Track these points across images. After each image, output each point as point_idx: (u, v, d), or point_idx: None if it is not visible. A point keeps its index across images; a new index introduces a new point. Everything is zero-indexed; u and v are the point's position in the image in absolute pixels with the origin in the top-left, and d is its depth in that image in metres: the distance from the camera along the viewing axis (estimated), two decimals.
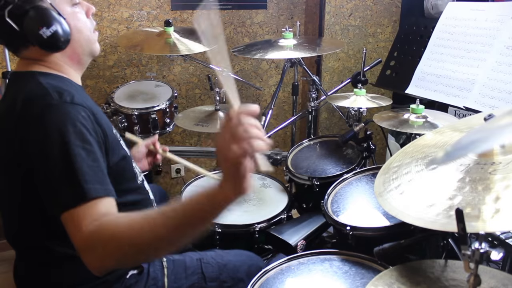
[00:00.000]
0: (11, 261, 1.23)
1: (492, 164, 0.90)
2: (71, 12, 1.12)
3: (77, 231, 0.90)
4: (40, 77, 1.08)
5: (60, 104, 1.00)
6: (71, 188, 0.93)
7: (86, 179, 0.94)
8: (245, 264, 1.38)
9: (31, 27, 1.04)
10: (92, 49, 1.19)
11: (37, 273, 1.15)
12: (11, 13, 1.03)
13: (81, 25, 1.14)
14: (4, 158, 1.08)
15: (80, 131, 0.98)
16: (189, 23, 2.66)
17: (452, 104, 1.87)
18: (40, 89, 1.04)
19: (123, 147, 1.19)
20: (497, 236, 1.18)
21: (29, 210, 1.08)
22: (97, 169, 0.98)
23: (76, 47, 1.14)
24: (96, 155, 0.99)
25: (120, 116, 2.20)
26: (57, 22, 1.06)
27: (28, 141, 0.98)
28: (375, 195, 1.06)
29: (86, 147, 0.97)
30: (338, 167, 1.84)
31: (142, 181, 1.28)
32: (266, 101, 2.98)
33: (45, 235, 1.09)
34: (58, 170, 0.94)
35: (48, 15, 1.05)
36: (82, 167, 0.94)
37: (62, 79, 1.12)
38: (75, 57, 1.16)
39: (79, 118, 1.00)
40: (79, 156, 0.95)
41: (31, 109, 1.00)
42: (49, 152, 0.95)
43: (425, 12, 2.72)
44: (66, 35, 1.08)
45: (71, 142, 0.95)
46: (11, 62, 2.13)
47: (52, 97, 1.01)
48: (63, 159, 0.94)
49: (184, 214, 0.86)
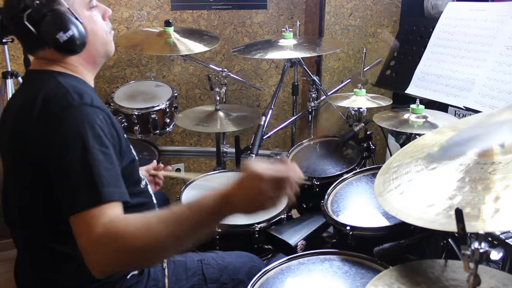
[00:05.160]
0: (12, 261, 1.23)
1: (492, 164, 0.90)
2: (88, 16, 1.13)
3: (87, 232, 0.90)
4: (58, 77, 1.09)
5: (80, 106, 1.01)
6: (87, 190, 0.93)
7: (103, 182, 0.94)
8: (245, 265, 1.38)
9: (49, 31, 1.05)
10: (107, 50, 1.20)
11: (40, 274, 1.15)
12: (29, 16, 1.05)
13: (97, 28, 1.15)
14: (17, 155, 1.08)
15: (98, 134, 0.99)
16: (189, 23, 2.66)
17: (452, 104, 1.87)
18: (60, 88, 1.04)
19: (132, 151, 1.20)
20: (497, 236, 1.18)
21: (34, 210, 1.08)
22: (114, 172, 0.99)
23: (92, 49, 1.15)
24: (113, 158, 1.00)
25: (120, 116, 2.20)
26: (74, 26, 1.07)
27: (46, 140, 0.99)
28: (375, 195, 1.06)
29: (104, 150, 0.98)
30: (338, 167, 1.84)
31: (146, 185, 1.29)
32: (266, 101, 2.98)
33: (49, 235, 1.09)
34: (75, 171, 0.95)
35: (66, 19, 1.06)
36: (100, 170, 0.95)
37: (78, 80, 1.13)
38: (91, 59, 1.17)
39: (97, 121, 1.01)
40: (96, 159, 0.96)
41: (51, 108, 1.01)
42: (67, 153, 0.96)
43: (425, 12, 2.72)
44: (82, 38, 1.09)
45: (90, 145, 0.96)
46: (11, 62, 2.13)
47: (73, 98, 1.01)
48: (81, 161, 0.95)
49: (200, 213, 0.90)
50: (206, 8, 2.67)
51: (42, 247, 1.12)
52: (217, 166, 2.37)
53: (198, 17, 2.67)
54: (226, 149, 2.41)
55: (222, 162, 2.40)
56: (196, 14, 2.66)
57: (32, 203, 1.08)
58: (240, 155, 2.30)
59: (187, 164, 2.95)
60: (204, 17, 2.68)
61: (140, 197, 1.23)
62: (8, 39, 1.94)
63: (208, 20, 2.70)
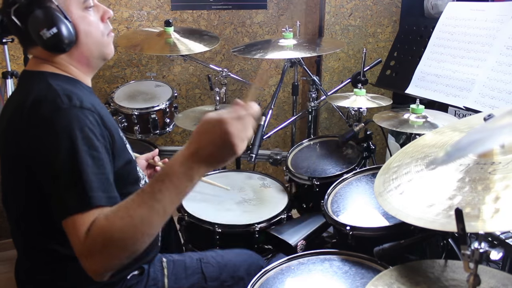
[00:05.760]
0: (12, 261, 1.23)
1: (492, 164, 0.90)
2: (81, 16, 1.10)
3: (76, 238, 0.90)
4: (49, 78, 1.08)
5: (69, 108, 1.00)
6: (75, 195, 0.93)
7: (91, 187, 0.94)
8: (245, 262, 1.38)
9: (33, 27, 1.05)
10: (103, 52, 1.17)
11: (40, 274, 1.15)
12: (16, 11, 1.04)
13: (91, 29, 1.12)
14: (11, 157, 1.08)
15: (87, 137, 0.98)
16: (189, 23, 2.66)
17: (452, 104, 1.87)
18: (50, 91, 1.03)
19: (129, 151, 1.19)
20: (497, 236, 1.18)
21: (32, 211, 1.08)
22: (103, 176, 0.98)
23: (84, 50, 1.13)
24: (103, 162, 0.99)
25: (120, 116, 2.20)
26: (60, 24, 1.05)
27: (36, 142, 0.99)
28: (375, 195, 1.06)
29: (93, 153, 0.97)
30: (338, 167, 1.84)
31: (146, 183, 1.28)
32: (266, 101, 2.98)
33: (48, 236, 1.09)
34: (64, 176, 0.95)
35: (51, 17, 1.04)
36: (88, 174, 0.95)
37: (71, 81, 1.12)
38: (83, 60, 1.15)
39: (87, 123, 1.00)
40: (85, 163, 0.95)
41: (40, 111, 1.00)
42: (56, 157, 0.95)
43: (425, 12, 2.72)
44: (69, 37, 1.07)
45: (79, 148, 0.96)
46: (11, 62, 2.13)
47: (61, 101, 1.00)
48: (70, 165, 0.95)
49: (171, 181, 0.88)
50: (206, 8, 2.67)
51: (41, 248, 1.11)
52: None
53: (198, 17, 2.67)
54: None
55: None
56: (196, 14, 2.66)
57: (29, 204, 1.08)
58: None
59: None
60: (204, 17, 2.68)
61: None
62: (8, 39, 1.94)
63: (208, 20, 2.70)
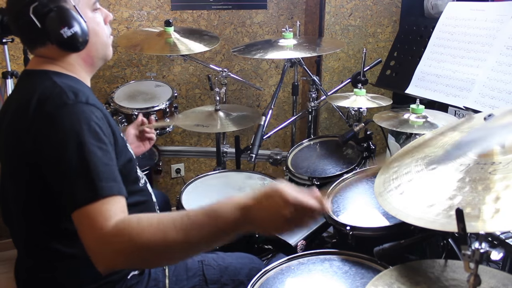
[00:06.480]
0: (12, 261, 1.23)
1: (492, 164, 0.90)
2: (91, 17, 1.14)
3: (91, 228, 0.90)
4: (54, 77, 1.09)
5: (75, 104, 1.01)
6: (87, 186, 0.93)
7: (102, 177, 0.94)
8: (246, 267, 1.38)
9: (53, 25, 1.06)
10: (106, 53, 1.22)
11: (40, 273, 1.15)
12: (35, 9, 1.05)
13: (100, 30, 1.17)
14: (13, 156, 1.08)
15: (95, 130, 0.99)
16: (189, 23, 2.66)
17: (452, 104, 1.87)
18: (55, 87, 1.05)
19: (129, 150, 1.20)
20: (497, 236, 1.18)
21: (33, 210, 1.08)
22: (113, 168, 0.99)
23: (92, 50, 1.16)
24: (111, 155, 1.01)
25: (120, 116, 2.20)
26: (78, 24, 1.08)
27: (42, 139, 0.99)
28: (375, 195, 1.06)
29: (102, 146, 0.99)
30: (338, 167, 1.84)
31: (145, 184, 1.29)
32: (266, 101, 2.98)
33: (49, 235, 1.09)
34: (74, 168, 0.95)
35: (71, 16, 1.07)
36: (98, 165, 0.95)
37: (74, 80, 1.13)
38: (89, 59, 1.18)
39: (93, 118, 1.01)
40: (94, 154, 0.96)
41: (46, 107, 1.01)
42: (64, 150, 0.96)
43: (425, 12, 2.72)
44: (84, 37, 1.10)
45: (86, 141, 0.96)
46: (11, 62, 2.13)
47: (68, 97, 1.02)
48: (79, 157, 0.95)
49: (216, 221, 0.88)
50: (206, 8, 2.67)
51: (41, 247, 1.11)
52: (217, 166, 2.37)
53: (198, 17, 2.67)
54: (226, 149, 2.41)
55: (222, 162, 2.40)
56: (196, 14, 2.66)
57: (30, 203, 1.08)
58: (240, 155, 2.31)
59: (187, 164, 2.95)
60: (204, 17, 2.68)
61: (138, 196, 1.22)
62: (8, 39, 1.94)
63: (208, 20, 2.70)
